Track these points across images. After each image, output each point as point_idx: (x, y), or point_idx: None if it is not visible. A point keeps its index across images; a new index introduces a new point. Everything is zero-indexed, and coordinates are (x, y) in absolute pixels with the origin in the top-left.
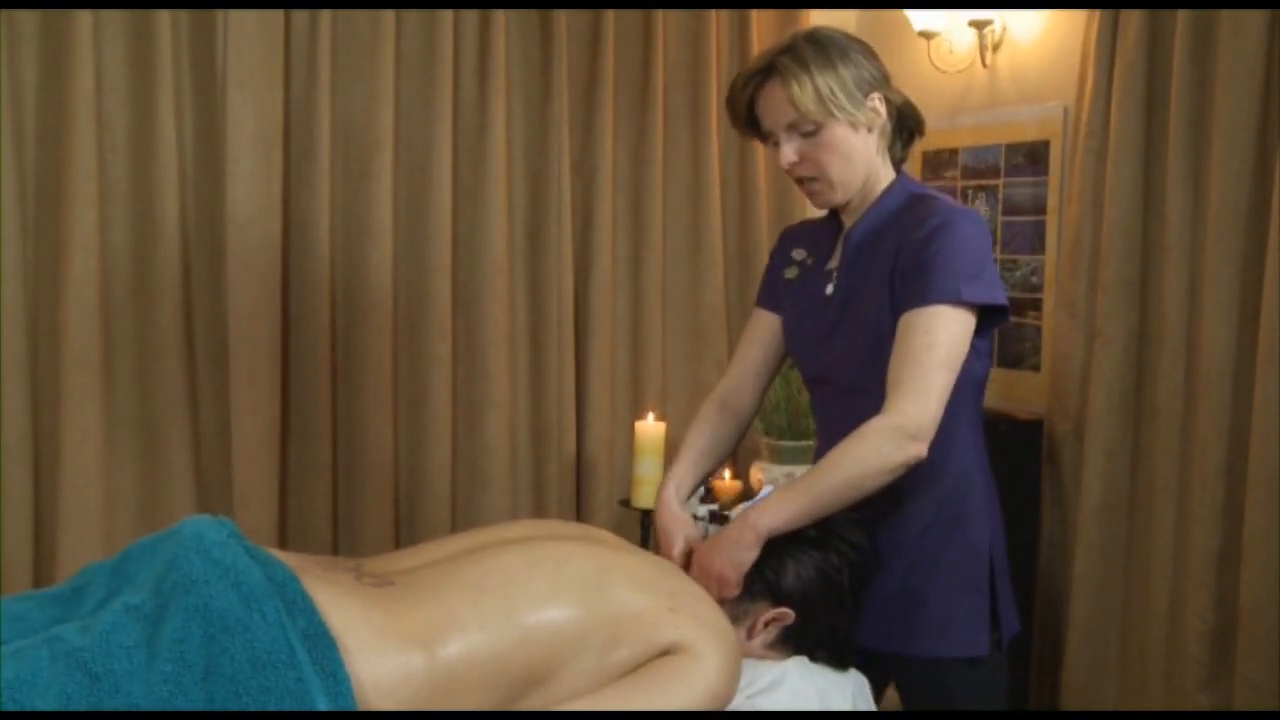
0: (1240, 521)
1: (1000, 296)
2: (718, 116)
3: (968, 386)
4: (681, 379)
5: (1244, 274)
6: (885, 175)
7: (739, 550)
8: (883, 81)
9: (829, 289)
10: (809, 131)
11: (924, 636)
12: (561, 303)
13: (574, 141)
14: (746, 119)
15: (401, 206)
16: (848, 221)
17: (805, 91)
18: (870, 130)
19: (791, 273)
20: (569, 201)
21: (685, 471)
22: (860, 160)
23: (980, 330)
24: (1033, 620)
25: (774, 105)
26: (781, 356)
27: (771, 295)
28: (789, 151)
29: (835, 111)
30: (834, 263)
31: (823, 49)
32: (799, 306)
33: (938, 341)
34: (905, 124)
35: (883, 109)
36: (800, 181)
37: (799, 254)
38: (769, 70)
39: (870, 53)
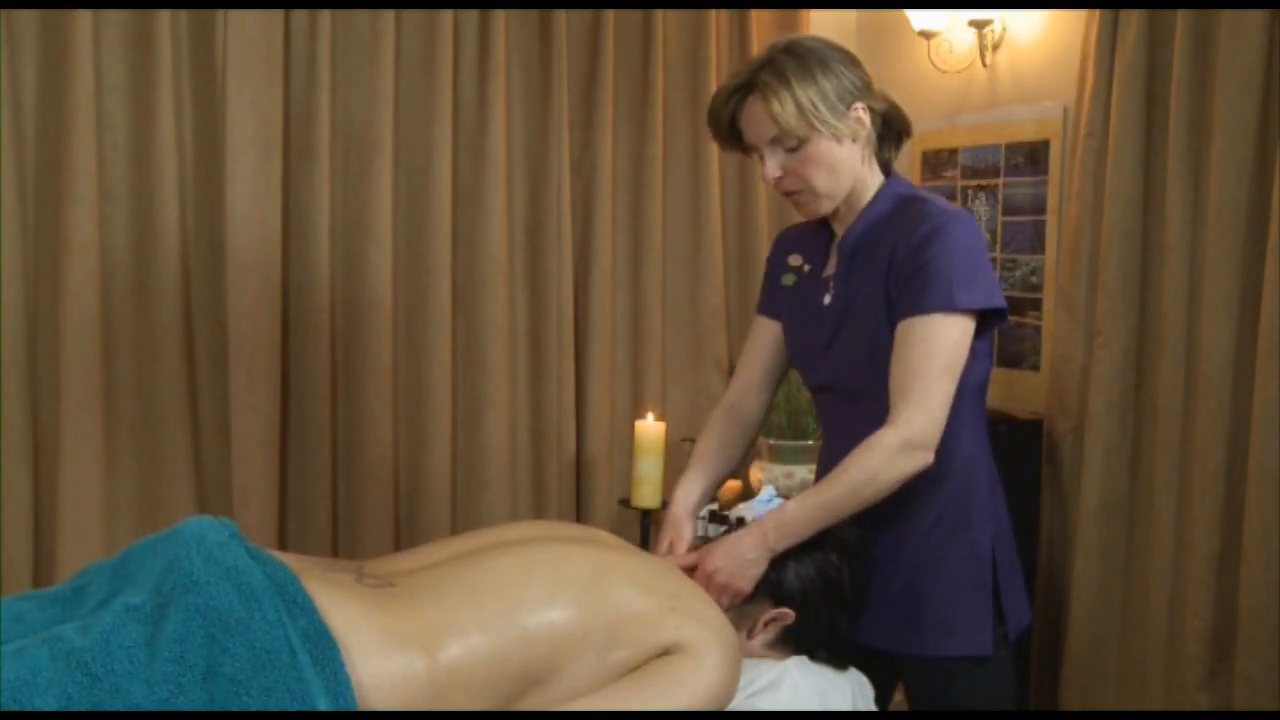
0: (1240, 521)
1: (996, 299)
2: None
3: (969, 388)
4: (681, 379)
5: (1244, 273)
6: (873, 180)
7: (752, 565)
8: (865, 90)
9: (826, 298)
10: (792, 147)
11: (928, 636)
12: (561, 303)
13: (574, 141)
14: (729, 134)
15: (401, 206)
16: (838, 228)
17: (786, 108)
18: (855, 141)
19: (789, 280)
20: (569, 201)
21: (694, 479)
22: (845, 171)
23: (980, 332)
24: (1032, 620)
25: (756, 121)
26: (785, 362)
27: (771, 302)
28: (773, 166)
29: (818, 125)
30: (830, 270)
31: (803, 62)
32: (797, 316)
33: (937, 350)
34: (892, 127)
35: (866, 118)
36: (787, 194)
37: (795, 260)
38: (749, 86)
39: (852, 60)
